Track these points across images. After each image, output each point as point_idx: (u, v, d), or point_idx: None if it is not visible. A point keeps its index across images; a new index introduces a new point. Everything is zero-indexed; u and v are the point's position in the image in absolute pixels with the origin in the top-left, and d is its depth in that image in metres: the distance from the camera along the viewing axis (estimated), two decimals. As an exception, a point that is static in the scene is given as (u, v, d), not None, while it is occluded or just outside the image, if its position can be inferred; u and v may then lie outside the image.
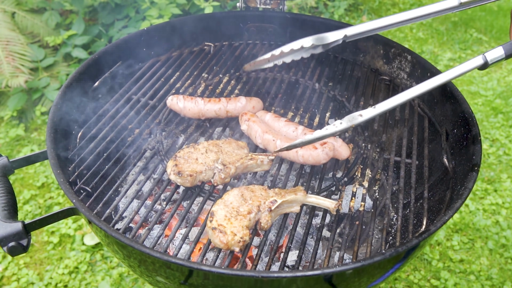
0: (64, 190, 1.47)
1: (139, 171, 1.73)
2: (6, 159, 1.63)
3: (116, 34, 4.24)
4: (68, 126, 1.84)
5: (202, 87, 2.17)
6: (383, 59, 2.23)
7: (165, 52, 2.31)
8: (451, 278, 2.89)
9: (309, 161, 1.72)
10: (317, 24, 2.36)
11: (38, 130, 3.98)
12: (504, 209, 3.34)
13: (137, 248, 1.29)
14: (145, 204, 1.92)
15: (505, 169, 3.66)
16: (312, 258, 1.43)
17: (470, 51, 5.12)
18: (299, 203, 1.59)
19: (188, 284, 1.40)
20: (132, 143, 1.85)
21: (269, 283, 1.30)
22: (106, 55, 2.08)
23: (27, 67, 3.92)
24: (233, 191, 1.55)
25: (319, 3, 5.65)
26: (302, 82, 2.22)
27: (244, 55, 2.34)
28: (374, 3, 5.98)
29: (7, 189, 1.53)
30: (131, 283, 2.85)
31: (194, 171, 1.60)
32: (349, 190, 1.88)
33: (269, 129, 1.82)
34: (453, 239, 3.13)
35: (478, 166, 1.58)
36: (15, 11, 4.18)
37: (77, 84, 1.93)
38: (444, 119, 1.91)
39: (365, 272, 1.38)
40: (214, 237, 1.42)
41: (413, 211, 1.59)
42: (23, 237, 1.38)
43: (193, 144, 1.73)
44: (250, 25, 2.43)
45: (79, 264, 2.95)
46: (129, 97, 2.04)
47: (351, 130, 2.01)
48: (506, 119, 4.13)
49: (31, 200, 3.37)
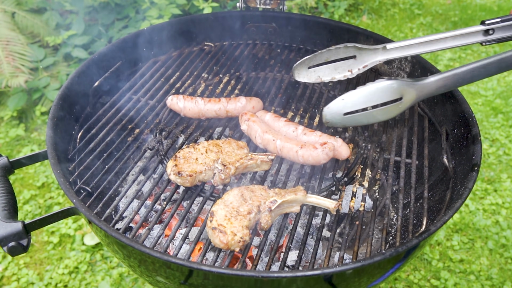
0: (64, 190, 1.47)
1: (139, 171, 1.73)
2: (6, 159, 1.63)
3: (116, 34, 4.24)
4: (68, 126, 1.84)
5: (202, 87, 2.17)
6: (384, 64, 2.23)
7: (165, 52, 2.31)
8: (451, 278, 2.89)
9: (309, 161, 1.72)
10: (317, 24, 2.36)
11: (38, 130, 3.98)
12: (504, 209, 3.34)
13: (137, 248, 1.29)
14: (145, 204, 1.92)
15: (505, 169, 3.66)
16: (312, 258, 1.43)
17: (470, 51, 5.13)
18: (299, 203, 1.59)
19: (188, 284, 1.40)
20: (132, 143, 1.85)
21: (269, 283, 1.30)
22: (106, 55, 2.08)
23: (27, 67, 3.92)
24: (233, 191, 1.55)
25: (319, 3, 5.65)
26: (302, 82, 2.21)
27: (244, 55, 2.34)
28: (374, 3, 5.98)
29: (7, 189, 1.53)
30: (131, 283, 2.85)
31: (194, 171, 1.60)
32: (349, 190, 1.88)
33: (269, 129, 1.83)
34: (453, 239, 3.13)
35: (478, 166, 1.58)
36: (15, 11, 4.18)
37: (77, 84, 1.93)
38: (444, 119, 1.91)
39: (365, 272, 1.38)
40: (214, 237, 1.42)
41: (413, 211, 1.59)
42: (23, 237, 1.38)
43: (193, 144, 1.73)
44: (250, 25, 2.43)
45: (79, 264, 2.95)
46: (129, 97, 2.04)
47: (351, 130, 2.01)
48: (506, 119, 4.13)
49: (31, 200, 3.37)
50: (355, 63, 1.56)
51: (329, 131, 2.08)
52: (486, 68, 1.29)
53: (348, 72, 1.59)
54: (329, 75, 1.61)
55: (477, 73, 1.28)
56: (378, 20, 5.70)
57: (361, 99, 1.30)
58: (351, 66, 1.58)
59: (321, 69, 1.61)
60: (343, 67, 1.58)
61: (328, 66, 1.59)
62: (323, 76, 1.61)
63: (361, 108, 1.32)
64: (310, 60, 1.60)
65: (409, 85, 1.26)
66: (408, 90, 1.27)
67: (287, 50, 2.41)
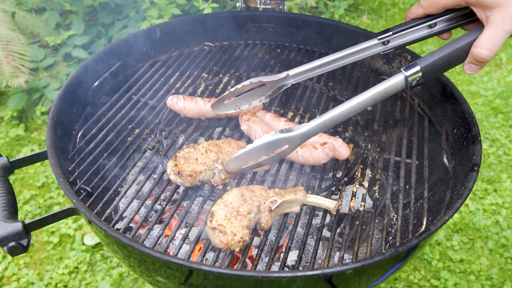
0: (64, 190, 1.47)
1: (139, 171, 1.73)
2: (6, 159, 1.63)
3: (116, 34, 4.24)
4: (68, 126, 1.84)
5: (202, 87, 2.17)
6: (383, 59, 2.24)
7: (165, 52, 2.31)
8: (451, 278, 2.89)
9: (309, 161, 1.72)
10: (317, 24, 2.36)
11: (38, 130, 3.98)
12: (504, 209, 3.34)
13: (137, 248, 1.29)
14: (145, 204, 1.92)
15: (505, 169, 3.66)
16: (312, 258, 1.43)
17: (470, 51, 5.12)
18: (299, 203, 1.59)
19: (188, 284, 1.40)
20: (132, 143, 1.85)
21: (269, 283, 1.30)
22: (106, 55, 2.08)
23: (27, 67, 3.92)
24: (233, 191, 1.55)
25: (319, 3, 5.65)
26: (302, 82, 2.21)
27: (244, 55, 2.34)
28: (374, 3, 5.98)
29: (7, 189, 1.53)
30: (131, 283, 2.86)
31: (194, 171, 1.60)
32: (349, 190, 1.88)
33: (269, 129, 1.83)
34: (453, 239, 3.13)
35: (478, 166, 1.58)
36: (15, 11, 4.18)
37: (77, 84, 1.93)
38: (444, 119, 1.91)
39: (365, 272, 1.38)
40: (214, 237, 1.42)
41: (413, 211, 1.59)
42: (23, 237, 1.38)
43: (193, 144, 1.73)
44: (250, 25, 2.43)
45: (79, 264, 2.96)
46: (129, 97, 2.04)
47: (351, 130, 2.01)
48: (506, 119, 4.13)
49: (31, 200, 3.37)
50: (266, 89, 1.73)
51: (329, 131, 2.08)
52: (362, 104, 1.46)
53: (262, 96, 1.75)
54: (246, 103, 1.78)
55: (353, 110, 1.45)
56: (378, 20, 5.70)
57: (253, 154, 1.50)
58: (264, 92, 1.74)
59: (237, 100, 1.78)
60: (257, 94, 1.75)
61: (243, 96, 1.77)
62: (240, 105, 1.79)
63: (254, 160, 1.53)
64: (225, 97, 1.76)
65: (291, 137, 1.45)
66: (291, 140, 1.46)
67: (287, 50, 2.41)
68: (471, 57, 1.41)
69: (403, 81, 1.45)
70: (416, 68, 1.44)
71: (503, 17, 1.32)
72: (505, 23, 1.32)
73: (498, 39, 1.34)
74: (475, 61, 1.41)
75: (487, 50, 1.36)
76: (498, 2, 1.32)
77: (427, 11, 1.54)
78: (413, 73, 1.44)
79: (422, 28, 1.56)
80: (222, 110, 1.79)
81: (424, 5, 1.53)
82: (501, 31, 1.34)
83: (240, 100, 1.78)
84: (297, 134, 1.45)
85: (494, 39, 1.34)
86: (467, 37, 1.42)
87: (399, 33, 1.58)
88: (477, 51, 1.37)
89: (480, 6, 1.39)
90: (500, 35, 1.34)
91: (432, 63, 1.44)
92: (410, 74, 1.44)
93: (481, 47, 1.36)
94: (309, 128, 1.45)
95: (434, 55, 1.44)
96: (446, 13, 1.53)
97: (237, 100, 1.78)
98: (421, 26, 1.56)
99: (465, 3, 1.43)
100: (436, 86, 1.97)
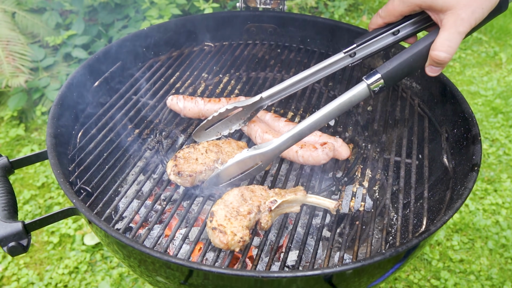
0: (64, 190, 1.47)
1: (139, 171, 1.73)
2: (6, 159, 1.63)
3: (116, 34, 4.24)
4: (68, 126, 1.84)
5: (202, 87, 2.17)
6: (383, 59, 2.24)
7: (165, 52, 2.31)
8: (451, 278, 2.89)
9: (309, 161, 1.72)
10: (317, 24, 2.36)
11: (38, 130, 3.98)
12: (504, 209, 3.34)
13: (137, 248, 1.29)
14: (145, 204, 1.92)
15: (505, 169, 3.66)
16: (312, 258, 1.43)
17: (470, 51, 5.13)
18: (299, 203, 1.59)
19: (188, 284, 1.40)
20: (132, 143, 1.85)
21: (269, 283, 1.30)
22: (106, 55, 2.08)
23: (27, 67, 3.92)
24: (233, 191, 1.55)
25: (319, 3, 5.65)
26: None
27: (244, 55, 2.34)
28: (374, 3, 5.98)
29: (7, 189, 1.53)
30: (131, 283, 2.86)
31: (194, 171, 1.60)
32: (349, 190, 1.88)
33: (269, 129, 1.83)
34: (453, 239, 3.13)
35: (478, 166, 1.58)
36: (15, 11, 4.18)
37: (77, 84, 1.93)
38: (444, 119, 1.91)
39: (365, 272, 1.38)
40: (214, 237, 1.42)
41: (413, 211, 1.59)
42: (23, 237, 1.38)
43: (193, 144, 1.73)
44: (250, 25, 2.43)
45: (79, 264, 2.96)
46: (129, 97, 2.04)
47: (351, 130, 2.01)
48: (506, 119, 4.13)
49: (31, 200, 3.37)
50: (244, 113, 1.78)
51: (329, 131, 2.08)
52: (328, 116, 1.50)
53: (241, 120, 1.80)
54: (226, 129, 1.82)
55: (320, 122, 1.51)
56: (378, 20, 5.69)
57: (230, 172, 1.58)
58: (242, 116, 1.79)
59: (217, 126, 1.81)
60: (236, 118, 1.80)
61: (222, 122, 1.80)
62: (221, 131, 1.83)
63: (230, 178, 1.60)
64: (204, 125, 1.80)
65: (262, 154, 1.53)
66: (263, 156, 1.54)
67: (287, 50, 2.41)
68: (430, 60, 1.45)
69: (366, 89, 1.48)
70: (376, 76, 1.47)
71: (455, 19, 1.36)
72: (457, 24, 1.36)
73: (453, 40, 1.38)
74: (434, 63, 1.44)
75: (444, 52, 1.39)
76: (449, 5, 1.36)
77: (387, 20, 1.56)
78: (374, 80, 1.47)
79: (387, 36, 1.58)
80: (203, 138, 1.82)
81: (383, 15, 1.56)
82: (455, 32, 1.37)
83: (220, 126, 1.82)
84: (269, 149, 1.53)
85: (450, 41, 1.38)
86: (424, 40, 1.45)
87: (363, 44, 1.60)
88: (435, 54, 1.41)
89: (433, 10, 1.42)
90: (454, 37, 1.38)
91: (392, 69, 1.47)
92: (371, 82, 1.47)
93: (438, 49, 1.40)
94: (279, 143, 1.52)
95: (393, 61, 1.47)
96: (406, 20, 1.55)
97: (217, 127, 1.81)
98: (385, 35, 1.58)
99: (420, 8, 1.46)
100: (436, 86, 1.97)
